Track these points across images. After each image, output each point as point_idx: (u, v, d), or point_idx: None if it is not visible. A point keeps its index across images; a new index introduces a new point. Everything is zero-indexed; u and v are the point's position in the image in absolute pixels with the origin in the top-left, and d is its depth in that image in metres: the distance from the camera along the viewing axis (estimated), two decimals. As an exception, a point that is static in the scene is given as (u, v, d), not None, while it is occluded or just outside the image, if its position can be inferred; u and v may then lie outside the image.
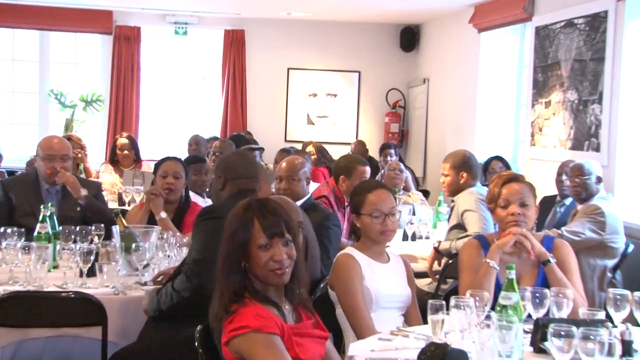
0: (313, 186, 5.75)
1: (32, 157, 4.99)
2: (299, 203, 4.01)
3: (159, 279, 3.62)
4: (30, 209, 4.62)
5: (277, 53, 10.89)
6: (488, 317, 2.55)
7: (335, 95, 11.14)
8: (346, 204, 5.28)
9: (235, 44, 10.71)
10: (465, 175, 5.01)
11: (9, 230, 3.89)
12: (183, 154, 6.85)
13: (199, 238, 3.36)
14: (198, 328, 2.67)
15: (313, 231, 3.59)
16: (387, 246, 3.55)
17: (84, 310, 3.28)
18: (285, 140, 10.74)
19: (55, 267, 3.80)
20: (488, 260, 3.21)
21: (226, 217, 2.59)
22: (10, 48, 10.60)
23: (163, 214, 4.56)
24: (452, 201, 5.09)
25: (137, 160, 7.64)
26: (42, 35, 10.53)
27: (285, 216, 2.57)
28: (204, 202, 5.49)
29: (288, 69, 10.97)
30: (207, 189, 5.86)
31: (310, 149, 8.81)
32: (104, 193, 5.65)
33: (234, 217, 2.57)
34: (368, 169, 5.43)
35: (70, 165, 4.91)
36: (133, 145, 7.67)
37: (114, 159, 7.63)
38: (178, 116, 11.09)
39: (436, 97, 10.20)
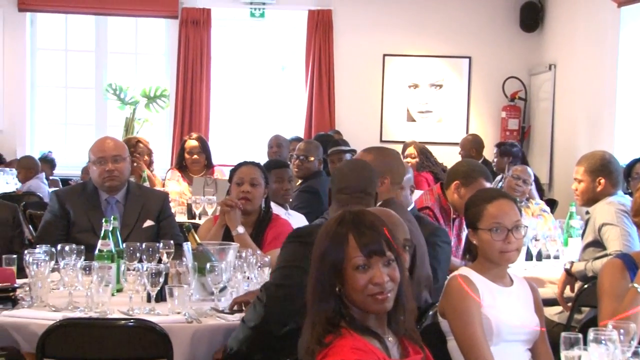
0: (415, 195, 5.74)
1: (87, 163, 5.18)
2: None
3: (235, 308, 3.70)
4: (89, 224, 4.80)
5: (371, 37, 10.92)
6: (636, 353, 2.51)
7: (440, 86, 11.10)
8: (453, 216, 5.26)
9: (320, 27, 10.80)
10: (603, 181, 4.93)
11: (67, 248, 4.03)
12: (262, 158, 6.95)
13: (280, 261, 3.43)
14: (286, 362, 2.73)
15: (425, 247, 3.61)
16: (508, 267, 3.53)
17: (148, 340, 3.37)
18: (381, 141, 10.74)
19: (120, 290, 3.94)
20: (635, 285, 3.15)
21: None
22: (63, 37, 11.00)
23: (240, 229, 4.64)
24: (587, 213, 5.00)
25: (209, 166, 7.78)
26: (99, 22, 10.87)
27: (386, 232, 2.60)
28: (286, 214, 5.57)
29: (384, 56, 10.99)
30: (290, 199, 5.95)
31: (411, 150, 8.81)
32: (171, 204, 5.79)
33: (325, 233, 2.61)
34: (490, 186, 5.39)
35: (127, 168, 5.07)
36: (204, 148, 7.81)
37: (181, 165, 7.80)
38: (255, 114, 11.26)
39: (565, 87, 10.02)
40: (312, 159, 6.98)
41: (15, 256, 4.14)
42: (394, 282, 2.55)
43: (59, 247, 4.06)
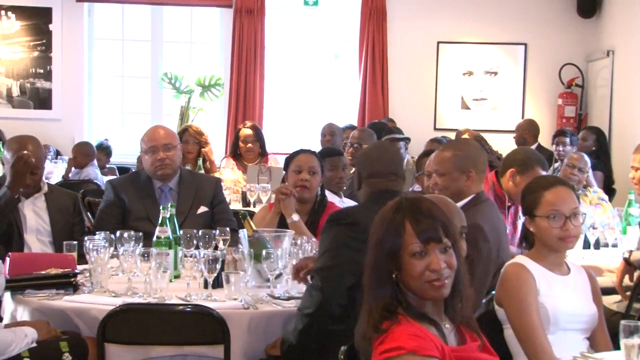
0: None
1: (140, 152, 5.25)
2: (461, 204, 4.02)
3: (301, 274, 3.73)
4: (144, 212, 4.87)
5: (425, 24, 10.86)
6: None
7: (495, 74, 11.00)
8: (508, 204, 5.22)
9: (374, 15, 10.77)
10: (662, 169, 4.87)
11: (125, 235, 4.10)
12: (315, 146, 6.98)
13: (324, 246, 3.46)
14: (342, 349, 2.74)
15: (505, 236, 3.63)
16: (566, 256, 3.50)
17: (205, 326, 3.42)
18: (435, 129, 10.70)
19: (177, 276, 3.99)
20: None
21: (359, 223, 2.65)
22: (120, 27, 11.14)
23: (295, 217, 4.68)
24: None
25: (263, 154, 7.83)
26: (154, 11, 10.98)
27: (443, 218, 2.60)
28: (340, 202, 5.58)
29: (438, 43, 10.92)
30: (345, 187, 5.96)
31: (465, 138, 8.76)
32: (225, 192, 5.85)
33: (381, 220, 2.62)
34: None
35: (179, 156, 5.12)
36: (258, 136, 7.86)
37: (236, 153, 7.86)
38: (308, 102, 11.29)
39: (624, 73, 9.87)
40: (365, 146, 6.97)
41: (75, 243, 4.23)
42: (450, 268, 2.55)
43: (117, 233, 4.14)
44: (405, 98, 10.91)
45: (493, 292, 3.48)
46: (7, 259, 3.88)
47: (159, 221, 4.07)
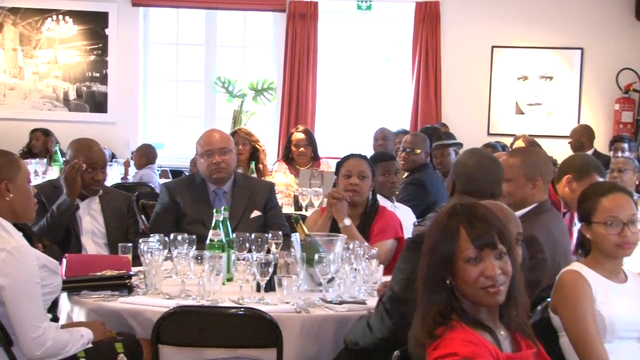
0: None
1: (195, 155, 5.29)
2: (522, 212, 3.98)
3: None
4: (198, 215, 4.90)
5: (479, 28, 10.80)
6: None
7: (550, 78, 10.89)
8: (564, 210, 5.16)
9: (428, 19, 10.74)
10: None
11: (179, 238, 4.13)
12: (368, 151, 6.97)
13: (404, 269, 3.29)
14: (396, 353, 2.73)
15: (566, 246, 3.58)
16: (623, 263, 3.45)
17: (257, 329, 3.44)
18: (489, 134, 10.63)
19: (230, 279, 4.02)
20: None
21: None
22: (174, 31, 11.25)
23: (347, 221, 4.67)
24: None
25: (315, 158, 7.84)
26: (209, 16, 11.08)
27: (498, 224, 2.59)
28: (392, 207, 5.57)
29: (492, 47, 10.85)
30: (397, 192, 5.95)
31: (520, 143, 8.67)
32: (277, 196, 5.86)
33: (436, 225, 2.62)
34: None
35: (234, 160, 5.15)
36: (310, 140, 7.87)
37: (288, 157, 7.88)
38: (361, 106, 11.28)
39: (682, 78, 9.70)
40: (418, 151, 6.95)
41: (130, 245, 4.27)
42: (505, 275, 2.53)
43: (171, 236, 4.16)
44: (459, 103, 10.85)
45: (548, 299, 3.44)
46: (64, 260, 3.93)
47: (213, 224, 4.10)
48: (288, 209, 6.66)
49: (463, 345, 2.40)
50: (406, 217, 5.51)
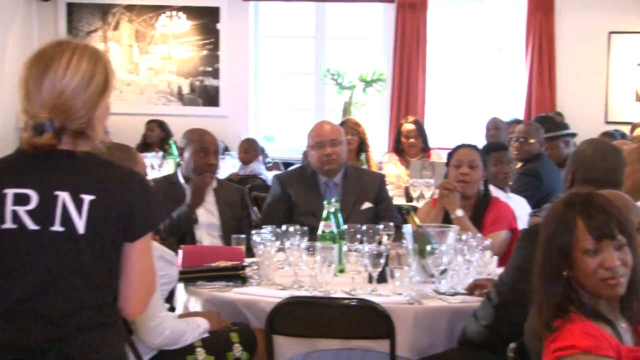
0: None
1: (306, 147, 5.34)
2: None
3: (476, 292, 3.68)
4: (309, 207, 4.95)
5: (595, 14, 10.52)
6: None
7: (672, 63, 10.54)
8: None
9: (541, 6, 10.52)
10: None
11: (291, 229, 4.18)
12: (479, 141, 6.90)
13: (515, 260, 3.28)
14: (511, 346, 2.70)
15: None
16: None
17: (370, 320, 3.44)
18: (606, 122, 10.35)
19: (342, 270, 4.04)
20: None
21: None
22: (284, 24, 11.36)
23: (459, 212, 4.63)
24: None
25: (426, 149, 7.82)
26: (318, 8, 11.13)
27: (617, 214, 2.53)
28: (506, 197, 5.50)
29: (609, 34, 10.55)
30: (510, 182, 5.87)
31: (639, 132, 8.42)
32: (388, 187, 5.87)
33: (552, 216, 2.58)
34: None
35: (345, 151, 5.17)
36: (420, 131, 7.86)
37: (398, 148, 7.88)
38: (472, 96, 11.16)
39: None
40: (532, 141, 6.83)
41: (243, 236, 4.34)
42: (626, 266, 2.48)
43: (283, 227, 4.22)
44: (574, 91, 10.60)
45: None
46: (180, 252, 4.03)
47: (324, 216, 4.13)
48: (399, 201, 6.65)
49: (582, 338, 2.35)
50: (520, 208, 5.43)
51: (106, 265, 2.40)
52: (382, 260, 3.75)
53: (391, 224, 4.36)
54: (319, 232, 4.10)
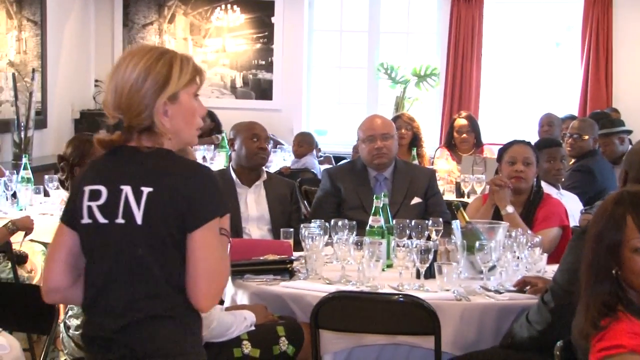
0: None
1: (357, 141, 5.33)
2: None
3: (526, 289, 3.65)
4: (359, 201, 4.94)
5: (655, 8, 10.33)
6: None
7: None
8: None
9: (600, 0, 10.36)
10: None
11: (339, 223, 4.19)
12: (533, 137, 6.83)
13: (568, 259, 3.24)
14: (558, 344, 2.67)
15: None
16: None
17: (416, 316, 3.43)
18: (665, 119, 10.17)
19: (390, 265, 4.03)
20: None
21: None
22: (338, 18, 11.35)
23: (510, 208, 4.60)
24: None
25: (478, 145, 7.77)
26: (372, 2, 11.09)
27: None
28: (558, 194, 5.45)
29: (669, 29, 10.36)
30: (563, 179, 5.81)
31: None
32: (439, 183, 5.84)
33: (601, 213, 2.54)
34: None
35: (395, 146, 5.15)
36: (473, 126, 7.81)
37: (450, 143, 7.84)
38: (526, 92, 11.04)
39: None
40: (586, 137, 6.74)
41: (292, 230, 4.36)
42: (678, 266, 2.43)
43: (332, 222, 4.22)
44: (631, 87, 10.40)
45: None
46: (228, 245, 4.05)
47: (372, 210, 4.12)
48: (449, 196, 6.62)
49: (629, 337, 2.32)
50: (572, 205, 5.37)
51: (163, 255, 2.45)
52: (430, 256, 3.74)
53: (440, 219, 4.34)
54: (368, 226, 4.10)
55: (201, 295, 2.45)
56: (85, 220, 2.50)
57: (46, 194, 6.20)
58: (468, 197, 6.51)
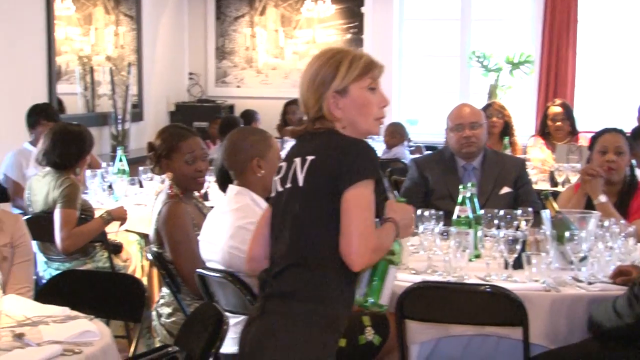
0: None
1: (445, 130, 5.28)
2: None
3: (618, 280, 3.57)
4: (447, 191, 4.89)
5: None
6: None
7: None
8: None
9: (700, -18, 10.03)
10: None
11: (426, 213, 4.15)
12: (628, 125, 6.65)
13: None
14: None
15: None
16: None
17: (503, 307, 3.38)
18: None
19: (477, 256, 3.98)
20: None
21: None
22: (429, 6, 11.26)
23: (603, 198, 4.51)
24: None
25: (573, 133, 7.62)
26: (466, -10, 10.99)
27: None
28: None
29: None
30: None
31: None
32: (532, 172, 5.74)
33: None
34: None
35: (484, 134, 5.08)
36: (568, 114, 7.66)
37: (544, 131, 7.71)
38: (624, 79, 10.75)
39: None
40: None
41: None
42: None
43: (419, 212, 4.19)
44: None
45: None
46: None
47: (459, 200, 4.08)
48: (543, 185, 6.52)
49: None
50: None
51: (316, 213, 2.82)
52: (518, 247, 3.68)
53: (530, 209, 4.26)
54: (454, 216, 4.06)
55: (351, 252, 2.77)
56: (272, 194, 3.01)
57: (141, 185, 6.34)
58: (562, 186, 6.38)
